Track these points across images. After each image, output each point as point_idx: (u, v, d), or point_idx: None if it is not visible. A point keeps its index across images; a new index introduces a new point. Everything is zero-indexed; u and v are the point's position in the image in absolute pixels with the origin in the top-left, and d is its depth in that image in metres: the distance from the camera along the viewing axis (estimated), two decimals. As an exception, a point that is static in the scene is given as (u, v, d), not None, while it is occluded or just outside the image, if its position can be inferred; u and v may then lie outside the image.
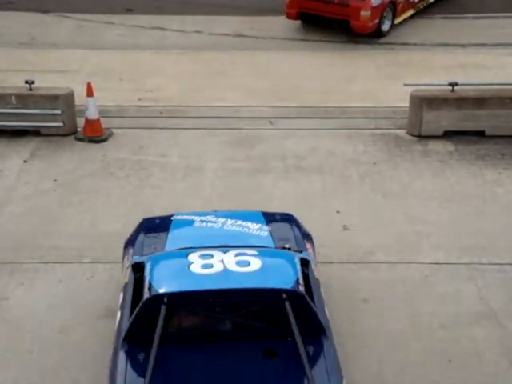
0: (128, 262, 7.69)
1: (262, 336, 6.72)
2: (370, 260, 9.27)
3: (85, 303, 8.53)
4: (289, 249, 7.66)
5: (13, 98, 11.87)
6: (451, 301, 8.62)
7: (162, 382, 6.35)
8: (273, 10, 17.33)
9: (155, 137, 12.08)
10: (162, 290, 6.67)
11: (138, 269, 7.30)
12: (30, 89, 11.90)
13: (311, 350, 6.58)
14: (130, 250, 7.89)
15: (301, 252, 7.72)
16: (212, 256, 6.98)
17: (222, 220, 7.98)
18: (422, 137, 12.02)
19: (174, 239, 7.74)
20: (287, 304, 6.57)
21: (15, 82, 12.67)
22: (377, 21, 15.84)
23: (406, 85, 12.08)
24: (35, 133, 12.03)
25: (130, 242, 8.09)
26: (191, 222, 8.01)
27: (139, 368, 6.43)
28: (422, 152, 11.67)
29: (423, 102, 11.92)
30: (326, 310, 7.28)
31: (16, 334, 8.14)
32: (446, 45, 15.69)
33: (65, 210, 10.25)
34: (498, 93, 12.01)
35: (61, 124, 12.00)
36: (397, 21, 16.57)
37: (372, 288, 8.79)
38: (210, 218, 8.05)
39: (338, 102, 13.19)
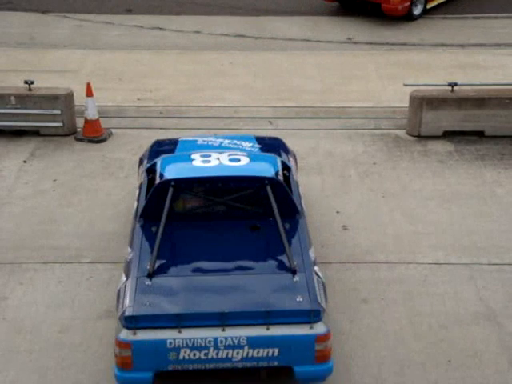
0: (143, 169, 9.34)
1: (249, 215, 8.24)
2: (370, 260, 9.28)
3: (85, 303, 8.53)
4: None
5: (12, 98, 11.87)
6: (451, 301, 8.62)
7: (169, 248, 7.78)
8: (273, 10, 17.35)
9: (155, 137, 12.02)
10: (169, 177, 8.27)
11: (151, 172, 8.89)
12: (30, 89, 11.90)
13: (287, 225, 8.06)
14: (144, 161, 9.60)
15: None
16: (210, 155, 8.65)
17: (220, 140, 9.69)
18: (422, 137, 12.02)
19: (181, 151, 9.38)
20: (268, 189, 8.07)
21: (15, 82, 12.69)
22: (407, 4, 16.35)
23: (405, 85, 12.10)
24: (35, 133, 12.03)
25: (144, 155, 9.89)
26: (195, 141, 9.75)
27: (151, 237, 7.92)
28: (422, 152, 11.67)
29: (423, 103, 11.92)
30: (303, 203, 8.80)
31: (16, 334, 8.14)
32: (445, 45, 15.70)
33: (64, 209, 10.26)
34: (497, 93, 12.01)
35: (60, 124, 12.00)
36: (429, 5, 16.93)
37: (372, 288, 8.80)
38: (211, 138, 9.84)
39: (338, 102, 13.20)
